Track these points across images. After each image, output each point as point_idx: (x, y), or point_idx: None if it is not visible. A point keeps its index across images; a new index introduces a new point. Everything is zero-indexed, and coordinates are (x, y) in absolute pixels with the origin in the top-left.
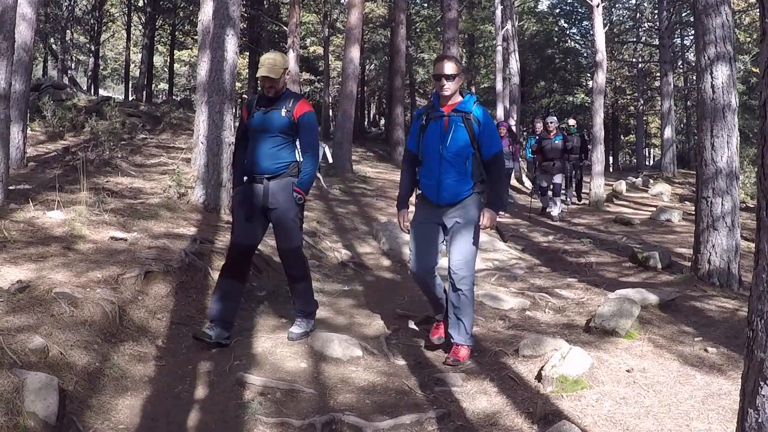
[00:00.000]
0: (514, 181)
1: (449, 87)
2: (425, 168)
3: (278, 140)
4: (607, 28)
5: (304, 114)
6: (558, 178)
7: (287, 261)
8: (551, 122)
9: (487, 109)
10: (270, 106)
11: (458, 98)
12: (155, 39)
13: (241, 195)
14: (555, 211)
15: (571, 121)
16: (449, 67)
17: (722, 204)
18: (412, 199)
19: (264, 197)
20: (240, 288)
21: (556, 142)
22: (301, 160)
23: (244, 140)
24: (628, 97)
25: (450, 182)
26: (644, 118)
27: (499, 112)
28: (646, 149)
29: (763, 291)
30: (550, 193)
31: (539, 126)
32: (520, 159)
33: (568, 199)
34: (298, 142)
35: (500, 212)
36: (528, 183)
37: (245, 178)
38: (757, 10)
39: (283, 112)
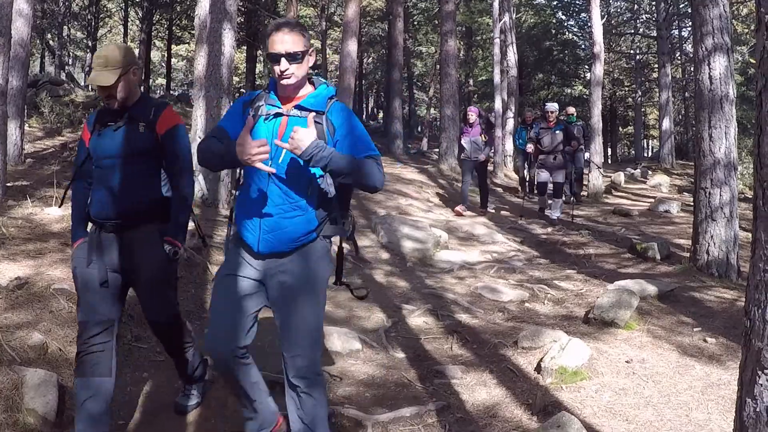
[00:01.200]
0: (512, 173)
1: (292, 72)
2: (244, 194)
3: (136, 168)
4: (604, 19)
5: (171, 128)
6: (560, 176)
7: (160, 335)
8: (551, 111)
9: (485, 101)
10: (120, 120)
11: (307, 89)
12: (152, 34)
13: (84, 252)
14: (555, 213)
15: (570, 110)
16: (292, 41)
17: (720, 195)
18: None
19: (120, 255)
20: (109, 389)
21: (557, 132)
22: (170, 194)
23: (85, 172)
24: (626, 88)
25: (281, 220)
26: (642, 109)
27: (497, 105)
28: (645, 141)
29: (760, 280)
30: (550, 185)
31: (530, 115)
32: (494, 144)
33: (572, 198)
34: (163, 170)
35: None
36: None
37: (90, 225)
38: (754, 0)
39: (141, 127)
